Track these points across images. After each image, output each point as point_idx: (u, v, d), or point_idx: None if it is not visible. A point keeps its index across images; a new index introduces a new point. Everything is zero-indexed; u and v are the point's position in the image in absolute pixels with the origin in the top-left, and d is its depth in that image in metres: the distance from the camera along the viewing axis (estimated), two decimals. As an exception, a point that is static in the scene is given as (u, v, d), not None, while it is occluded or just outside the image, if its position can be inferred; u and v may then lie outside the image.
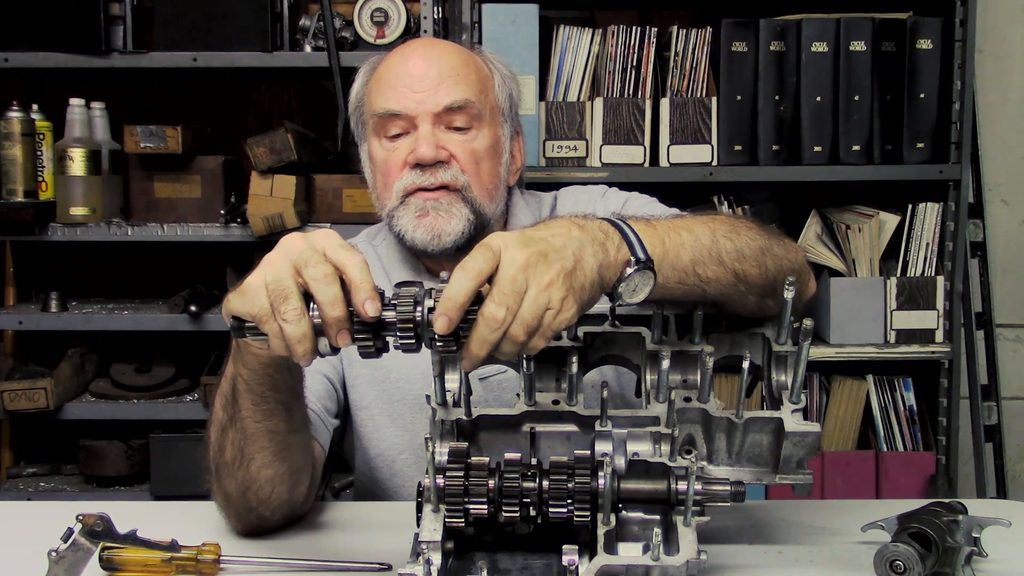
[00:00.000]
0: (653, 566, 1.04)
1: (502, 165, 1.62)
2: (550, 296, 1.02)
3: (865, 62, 2.61)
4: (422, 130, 1.54)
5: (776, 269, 1.23)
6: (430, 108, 1.54)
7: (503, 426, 1.18)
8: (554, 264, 1.03)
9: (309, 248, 1.05)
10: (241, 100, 3.08)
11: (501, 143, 1.62)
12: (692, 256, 1.15)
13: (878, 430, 2.77)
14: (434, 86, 1.55)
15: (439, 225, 1.53)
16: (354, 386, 1.61)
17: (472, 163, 1.56)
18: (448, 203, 1.54)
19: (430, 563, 1.05)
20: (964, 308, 2.74)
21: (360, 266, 1.04)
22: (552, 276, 1.03)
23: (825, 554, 1.25)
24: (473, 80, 1.58)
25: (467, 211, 1.54)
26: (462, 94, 1.55)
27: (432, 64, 1.57)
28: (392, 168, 1.57)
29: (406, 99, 1.55)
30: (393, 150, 1.57)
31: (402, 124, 1.56)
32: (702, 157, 2.63)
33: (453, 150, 1.55)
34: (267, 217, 2.59)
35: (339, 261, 1.04)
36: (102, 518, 1.10)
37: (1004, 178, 3.06)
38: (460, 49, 1.64)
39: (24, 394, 2.66)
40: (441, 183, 1.54)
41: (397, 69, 1.58)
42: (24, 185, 2.68)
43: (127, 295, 2.99)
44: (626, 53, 2.62)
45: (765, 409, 1.21)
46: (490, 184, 1.58)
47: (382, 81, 1.59)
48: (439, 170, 1.54)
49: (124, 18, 2.64)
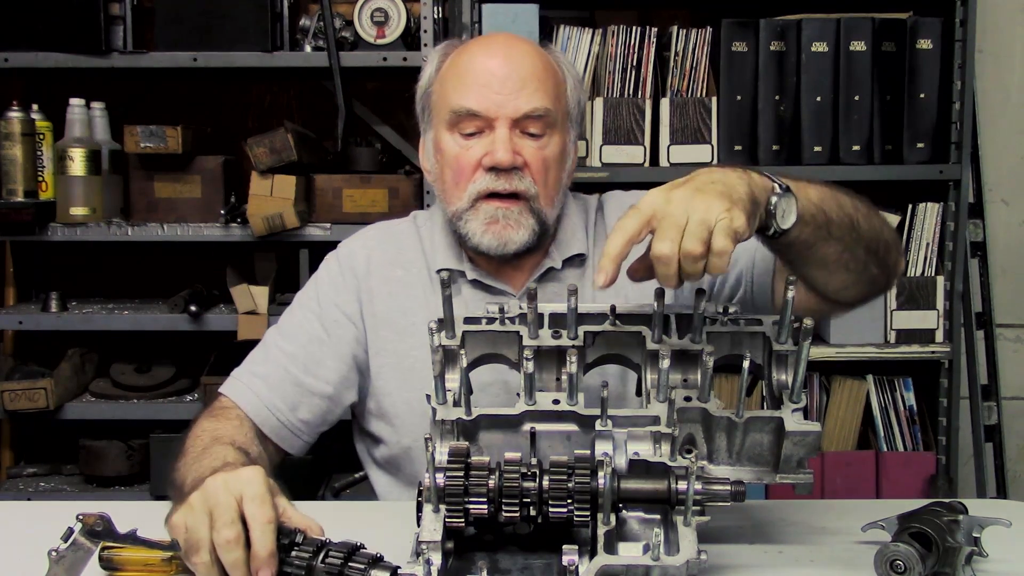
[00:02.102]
0: (653, 566, 1.04)
1: (565, 171, 1.62)
2: (711, 210, 1.12)
3: (865, 62, 2.61)
4: (500, 134, 1.53)
5: (879, 228, 1.39)
6: (510, 113, 1.53)
7: (503, 426, 1.18)
8: (707, 190, 1.14)
9: (224, 503, 1.10)
10: (241, 100, 3.08)
11: (567, 149, 1.62)
12: (817, 195, 1.30)
13: (878, 430, 2.76)
14: (516, 90, 1.54)
15: (507, 234, 1.54)
16: (379, 374, 1.62)
17: (542, 171, 1.56)
18: (518, 212, 1.54)
19: (430, 563, 1.05)
20: (964, 308, 2.74)
21: (263, 529, 1.09)
22: (710, 198, 1.13)
23: (825, 554, 1.25)
24: (551, 87, 1.58)
25: (533, 221, 1.55)
26: (541, 102, 1.55)
27: (515, 66, 1.55)
28: (465, 167, 1.56)
29: (487, 100, 1.53)
30: (467, 148, 1.56)
31: (478, 123, 1.55)
32: (702, 157, 2.63)
33: (527, 156, 1.55)
34: (267, 217, 2.59)
35: (248, 516, 1.10)
36: (102, 518, 1.10)
37: (1004, 178, 3.06)
38: (540, 51, 1.62)
39: (24, 394, 2.66)
40: (514, 189, 1.54)
41: (479, 65, 1.56)
42: (24, 185, 2.68)
43: (127, 295, 2.98)
44: (626, 53, 2.62)
45: (765, 409, 1.21)
46: (554, 191, 1.59)
47: (463, 75, 1.57)
48: (514, 176, 1.54)
49: (124, 18, 2.64)
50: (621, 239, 1.13)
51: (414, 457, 1.61)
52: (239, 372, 1.61)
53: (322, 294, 1.64)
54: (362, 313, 1.63)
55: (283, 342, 1.61)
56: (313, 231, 2.64)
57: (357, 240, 1.71)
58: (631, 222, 1.14)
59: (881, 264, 1.41)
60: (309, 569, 1.06)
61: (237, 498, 1.11)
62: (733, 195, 1.15)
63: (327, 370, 1.59)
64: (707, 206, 1.12)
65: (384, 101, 3.00)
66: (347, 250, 1.68)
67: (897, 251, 1.44)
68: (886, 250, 1.41)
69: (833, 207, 1.30)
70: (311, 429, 1.60)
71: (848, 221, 1.32)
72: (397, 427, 1.62)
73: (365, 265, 1.65)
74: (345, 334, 1.61)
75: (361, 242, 1.69)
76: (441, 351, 1.19)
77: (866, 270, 1.39)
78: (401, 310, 1.62)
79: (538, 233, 1.56)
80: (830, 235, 1.30)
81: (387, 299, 1.63)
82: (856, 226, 1.33)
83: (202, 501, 1.12)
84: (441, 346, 1.22)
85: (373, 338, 1.62)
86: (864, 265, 1.39)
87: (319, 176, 2.68)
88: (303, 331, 1.62)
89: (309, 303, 1.65)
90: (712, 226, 1.11)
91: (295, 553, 1.07)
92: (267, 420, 1.56)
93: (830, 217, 1.30)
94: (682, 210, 1.12)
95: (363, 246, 1.68)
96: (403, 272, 1.65)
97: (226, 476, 1.15)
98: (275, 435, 1.57)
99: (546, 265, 1.62)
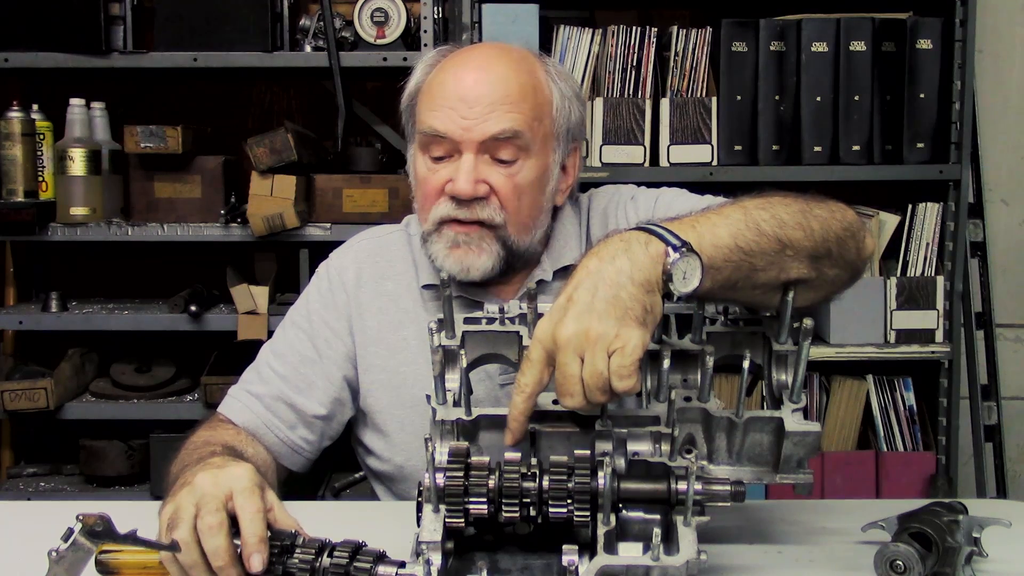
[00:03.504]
0: (653, 566, 1.03)
1: (545, 194, 1.56)
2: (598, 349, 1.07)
3: (865, 62, 2.61)
4: (464, 162, 1.48)
5: (823, 229, 1.23)
6: (476, 137, 1.48)
7: (503, 426, 1.18)
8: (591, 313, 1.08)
9: (211, 494, 1.11)
10: (241, 100, 3.08)
11: (548, 171, 1.55)
12: (729, 231, 1.17)
13: (878, 430, 2.76)
14: (484, 114, 1.47)
15: (468, 259, 1.51)
16: (369, 391, 1.61)
17: (513, 197, 1.50)
18: (479, 238, 1.50)
19: (430, 563, 1.05)
20: (964, 308, 2.74)
21: (252, 517, 1.09)
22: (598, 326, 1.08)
23: (825, 554, 1.25)
24: (528, 108, 1.50)
25: (497, 247, 1.51)
26: (512, 124, 1.48)
27: (486, 87, 1.49)
28: (430, 191, 1.52)
29: (453, 123, 1.48)
30: (434, 171, 1.52)
31: (446, 147, 1.50)
32: (702, 157, 2.63)
33: (494, 183, 1.49)
34: (267, 217, 2.59)
35: (237, 507, 1.10)
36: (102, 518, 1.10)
37: (1004, 178, 3.06)
38: (521, 67, 1.53)
39: (24, 394, 2.66)
40: (476, 219, 1.50)
41: (450, 85, 1.51)
42: (24, 185, 2.68)
43: (127, 295, 2.98)
44: (626, 53, 2.62)
45: (765, 409, 1.21)
46: (528, 218, 1.53)
47: (434, 93, 1.52)
48: (476, 206, 1.49)
49: (124, 18, 2.64)
50: (522, 398, 1.13)
51: (407, 475, 1.60)
52: (235, 391, 1.59)
53: (312, 312, 1.62)
54: (351, 329, 1.60)
55: (275, 363, 1.59)
56: (313, 231, 2.64)
57: (349, 254, 1.67)
58: (528, 377, 1.12)
59: (837, 262, 1.26)
60: (314, 569, 1.06)
61: (226, 492, 1.11)
62: (619, 306, 1.08)
63: (319, 391, 1.58)
64: (595, 344, 1.07)
65: (384, 101, 3.00)
66: (337, 264, 1.66)
67: (856, 238, 1.29)
68: (840, 246, 1.26)
69: (752, 237, 1.17)
70: (312, 447, 1.59)
71: (776, 245, 1.18)
72: (391, 444, 1.61)
73: (355, 280, 1.62)
74: (335, 353, 1.59)
75: (352, 255, 1.66)
76: (441, 351, 1.19)
77: (818, 278, 1.24)
78: (391, 325, 1.60)
79: (504, 259, 1.52)
80: (754, 268, 1.18)
81: (377, 315, 1.61)
82: (789, 244, 1.19)
83: (189, 492, 1.12)
84: (441, 346, 1.22)
85: (363, 354, 1.59)
86: (814, 275, 1.24)
87: (319, 176, 2.68)
88: (294, 351, 1.59)
89: (300, 321, 1.62)
90: (606, 372, 1.07)
91: (298, 554, 1.07)
92: (266, 436, 1.55)
93: (750, 250, 1.17)
94: (572, 356, 1.08)
95: (354, 260, 1.65)
96: (393, 285, 1.62)
97: (215, 471, 1.15)
98: (275, 452, 1.55)
99: (536, 277, 1.59)
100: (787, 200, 1.24)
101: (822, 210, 1.26)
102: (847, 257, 1.28)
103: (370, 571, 1.05)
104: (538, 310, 1.22)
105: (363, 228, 1.79)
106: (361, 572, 1.05)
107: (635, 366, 1.07)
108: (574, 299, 1.10)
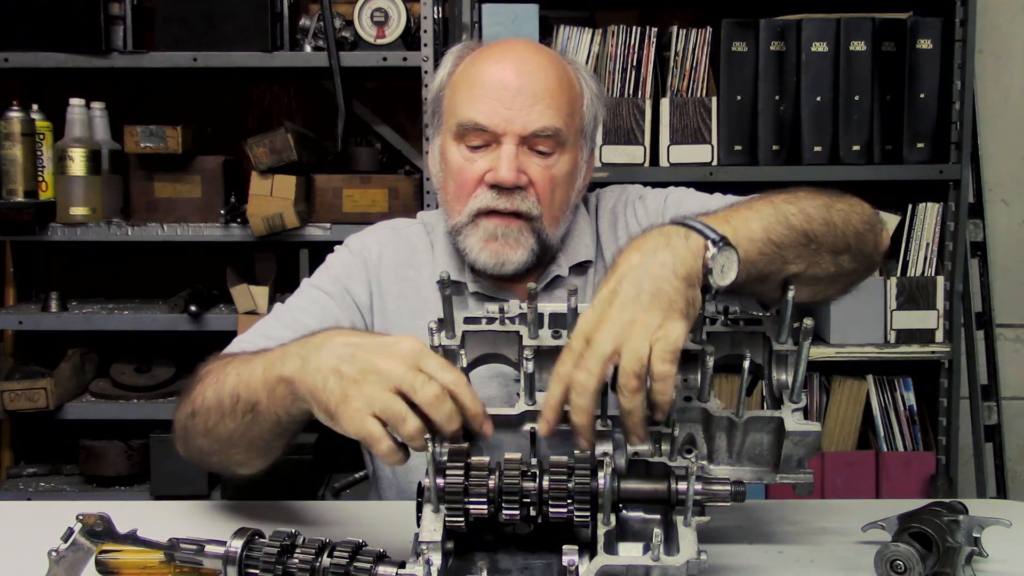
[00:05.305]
0: (653, 566, 1.03)
1: (575, 190, 1.57)
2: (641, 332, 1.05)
3: (865, 62, 2.61)
4: (506, 151, 1.48)
5: (844, 223, 1.25)
6: (518, 130, 1.48)
7: (503, 426, 1.18)
8: (635, 304, 1.07)
9: (411, 370, 1.08)
10: (241, 100, 3.08)
11: (578, 167, 1.56)
12: (761, 225, 1.18)
13: (878, 430, 2.77)
14: (527, 106, 1.48)
15: (505, 253, 1.51)
16: None
17: (548, 190, 1.51)
18: (517, 231, 1.50)
19: (430, 563, 1.05)
20: (964, 308, 2.75)
21: (467, 389, 1.10)
22: (632, 316, 1.06)
23: (825, 554, 1.25)
24: (564, 104, 1.52)
25: (533, 241, 1.51)
26: (552, 120, 1.49)
27: (527, 80, 1.49)
28: (467, 181, 1.51)
29: (495, 115, 1.48)
30: (472, 161, 1.51)
31: (485, 137, 1.50)
32: (702, 157, 2.63)
33: (532, 175, 1.50)
34: (267, 217, 2.59)
35: (447, 384, 1.09)
36: (102, 518, 1.10)
37: (1004, 178, 3.06)
38: (556, 63, 1.54)
39: (24, 394, 2.66)
40: (516, 209, 1.49)
41: (490, 76, 1.50)
42: (24, 185, 2.68)
43: (127, 295, 2.99)
44: (626, 53, 2.62)
45: (765, 408, 1.21)
46: (559, 211, 1.54)
47: (473, 85, 1.52)
48: (516, 196, 1.49)
49: (124, 18, 2.65)
50: (559, 386, 1.10)
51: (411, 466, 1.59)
52: (246, 337, 1.53)
53: (335, 277, 1.59)
54: (372, 306, 1.59)
55: (299, 313, 1.55)
56: (313, 231, 2.64)
57: (370, 235, 1.66)
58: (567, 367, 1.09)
59: (856, 256, 1.29)
60: (314, 569, 1.06)
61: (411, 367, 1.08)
62: (663, 298, 1.08)
63: None
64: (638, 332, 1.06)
65: (384, 101, 3.00)
66: (360, 243, 1.64)
67: (875, 231, 1.32)
68: (859, 240, 1.29)
69: (783, 231, 1.19)
70: None
71: (802, 238, 1.21)
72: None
73: (377, 260, 1.61)
74: (356, 321, 1.57)
75: (374, 237, 1.65)
76: (441, 351, 1.19)
77: (838, 272, 1.28)
78: (411, 312, 1.58)
79: (538, 253, 1.53)
80: (785, 261, 1.20)
81: (398, 299, 1.59)
82: (813, 238, 1.22)
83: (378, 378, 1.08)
84: (441, 346, 1.22)
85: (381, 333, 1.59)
86: (834, 268, 1.27)
87: (319, 176, 2.68)
88: (318, 306, 1.56)
89: (321, 284, 1.59)
90: (646, 356, 1.05)
91: (298, 553, 1.07)
92: None
93: (781, 243, 1.19)
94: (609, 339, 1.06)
95: (376, 241, 1.64)
96: (415, 273, 1.61)
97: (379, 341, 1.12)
98: None
99: (553, 273, 1.59)
100: (810, 194, 1.26)
101: (843, 204, 1.29)
102: (865, 251, 1.30)
103: (370, 571, 1.05)
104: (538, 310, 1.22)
105: (363, 228, 1.78)
106: (361, 572, 1.05)
107: (677, 353, 1.06)
108: (619, 292, 1.09)
